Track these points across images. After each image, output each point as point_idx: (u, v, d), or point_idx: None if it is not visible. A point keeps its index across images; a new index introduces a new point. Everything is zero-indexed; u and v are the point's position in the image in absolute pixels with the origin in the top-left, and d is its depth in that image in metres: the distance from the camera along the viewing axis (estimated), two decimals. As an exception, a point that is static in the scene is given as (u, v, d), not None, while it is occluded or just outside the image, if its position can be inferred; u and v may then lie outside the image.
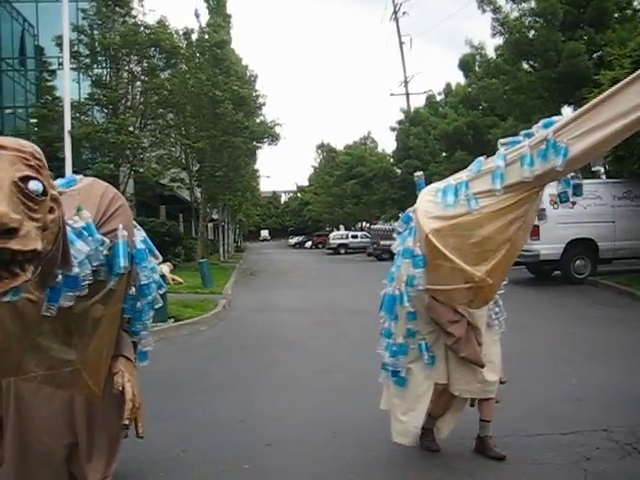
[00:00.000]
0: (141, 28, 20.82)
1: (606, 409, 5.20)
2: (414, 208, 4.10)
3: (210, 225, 42.71)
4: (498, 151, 3.72)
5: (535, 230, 12.73)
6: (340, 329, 10.16)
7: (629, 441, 4.40)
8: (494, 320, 4.20)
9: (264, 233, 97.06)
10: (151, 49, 20.86)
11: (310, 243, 65.30)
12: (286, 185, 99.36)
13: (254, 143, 25.94)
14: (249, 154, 27.95)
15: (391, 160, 45.95)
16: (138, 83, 21.96)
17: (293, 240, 73.79)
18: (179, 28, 23.24)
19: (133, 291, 3.09)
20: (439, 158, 35.48)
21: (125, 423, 2.81)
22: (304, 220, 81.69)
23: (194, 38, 24.36)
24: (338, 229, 60.89)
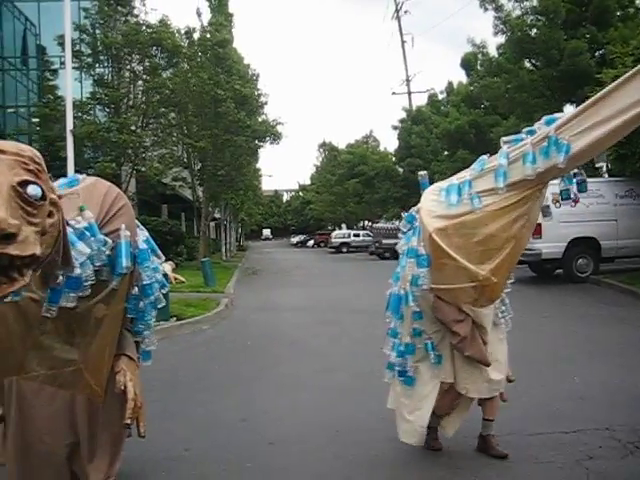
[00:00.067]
0: (143, 27, 20.83)
1: (608, 408, 5.20)
2: (418, 207, 4.10)
3: (212, 224, 42.68)
4: (501, 149, 3.72)
5: (537, 229, 12.70)
6: (342, 328, 10.16)
7: (631, 440, 4.39)
8: (500, 319, 4.19)
9: (266, 232, 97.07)
10: (153, 48, 20.85)
11: (312, 242, 65.33)
12: (288, 184, 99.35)
13: (256, 142, 25.90)
14: (251, 153, 27.91)
15: (393, 159, 46.02)
16: (140, 82, 21.95)
17: (295, 239, 73.71)
18: (181, 27, 23.26)
19: (136, 291, 3.10)
20: (441, 157, 35.51)
21: (127, 422, 2.81)
22: (306, 219, 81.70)
23: (196, 37, 24.32)
24: (340, 228, 60.83)
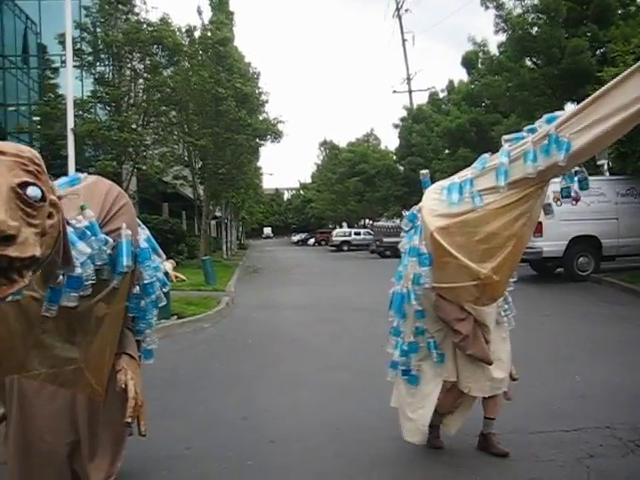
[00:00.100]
0: (144, 26, 20.81)
1: (609, 406, 5.20)
2: (419, 206, 4.10)
3: (213, 222, 42.69)
4: (502, 148, 3.72)
5: (538, 227, 12.67)
6: (343, 326, 10.16)
7: (632, 438, 4.40)
8: (503, 317, 4.18)
9: (267, 230, 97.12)
10: (154, 47, 20.85)
11: (313, 240, 65.37)
12: (289, 182, 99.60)
13: (257, 140, 25.89)
14: (252, 151, 27.89)
15: (394, 157, 46.04)
16: (141, 81, 21.95)
17: (296, 237, 73.75)
18: (182, 25, 23.25)
19: (137, 290, 3.10)
20: (442, 155, 35.50)
21: (127, 421, 2.81)
22: (307, 217, 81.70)
23: (197, 35, 24.30)
24: (341, 226, 60.86)
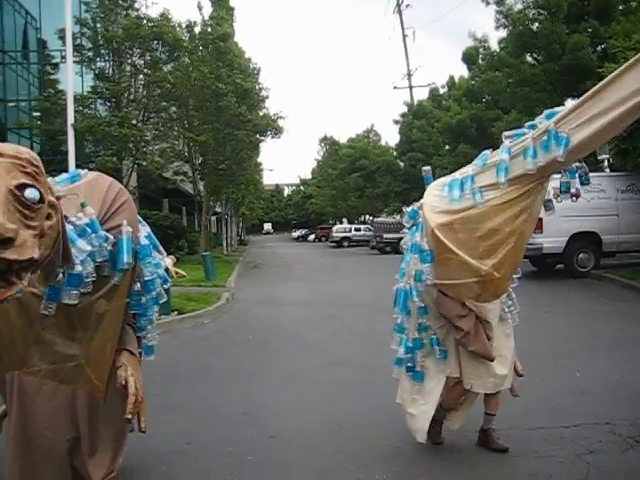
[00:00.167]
0: (144, 21, 20.82)
1: (609, 403, 5.21)
2: (421, 203, 4.10)
3: (213, 218, 42.69)
4: (503, 144, 3.72)
5: (538, 223, 12.67)
6: (343, 322, 10.16)
7: (632, 434, 4.41)
8: (506, 313, 4.17)
9: (267, 226, 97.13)
10: (154, 42, 20.86)
11: (313, 236, 65.30)
12: (289, 178, 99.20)
13: (257, 136, 25.89)
14: (252, 147, 27.89)
15: (394, 153, 45.97)
16: (141, 76, 21.96)
17: (296, 233, 73.77)
18: (182, 21, 23.27)
19: (138, 287, 3.10)
20: (442, 151, 35.45)
21: (128, 417, 2.82)
22: (307, 213, 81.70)
23: (197, 31, 24.30)
24: (341, 222, 60.86)
